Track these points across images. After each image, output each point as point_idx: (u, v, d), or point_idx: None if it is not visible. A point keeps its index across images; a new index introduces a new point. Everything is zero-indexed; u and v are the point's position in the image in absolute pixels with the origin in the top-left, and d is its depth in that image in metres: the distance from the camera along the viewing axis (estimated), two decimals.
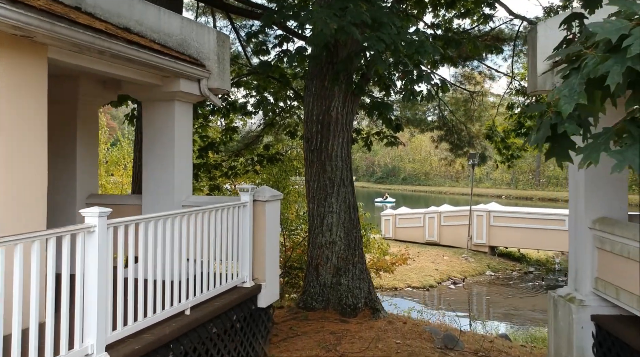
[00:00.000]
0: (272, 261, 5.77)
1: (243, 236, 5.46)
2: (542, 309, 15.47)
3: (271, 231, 5.73)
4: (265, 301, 5.67)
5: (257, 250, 5.62)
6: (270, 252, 5.71)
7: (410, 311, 11.61)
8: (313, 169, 7.98)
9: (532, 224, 20.66)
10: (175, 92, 5.70)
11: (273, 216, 5.78)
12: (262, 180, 10.59)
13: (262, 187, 5.76)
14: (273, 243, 5.80)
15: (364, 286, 7.83)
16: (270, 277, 5.74)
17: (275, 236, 5.86)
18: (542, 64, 5.31)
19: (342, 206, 7.88)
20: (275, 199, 5.80)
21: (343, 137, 7.96)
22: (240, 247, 5.44)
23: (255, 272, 5.64)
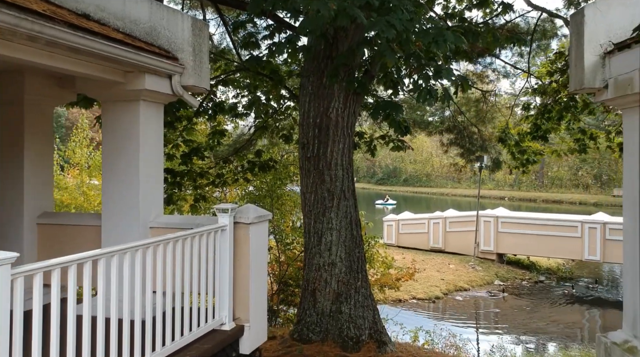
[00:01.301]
0: (257, 296, 4.75)
1: (221, 268, 4.44)
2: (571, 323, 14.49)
3: (257, 260, 4.71)
4: (249, 345, 4.65)
5: (239, 284, 4.60)
6: (255, 286, 4.69)
7: (418, 332, 10.58)
8: (310, 180, 6.96)
9: (543, 230, 19.65)
10: (140, 91, 4.68)
11: (259, 241, 4.76)
12: (255, 188, 9.59)
13: (245, 206, 4.73)
14: (259, 274, 4.78)
15: (369, 315, 6.80)
16: (255, 316, 4.71)
17: (262, 266, 4.84)
18: (591, 56, 4.28)
19: (343, 221, 6.85)
20: (262, 220, 4.77)
21: (344, 143, 6.93)
22: (218, 282, 4.42)
23: (237, 311, 4.61)
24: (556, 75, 11.07)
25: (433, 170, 71.28)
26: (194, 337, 4.09)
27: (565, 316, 15.24)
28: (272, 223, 9.40)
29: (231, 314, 4.53)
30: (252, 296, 4.64)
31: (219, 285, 4.41)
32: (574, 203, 51.08)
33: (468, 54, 7.09)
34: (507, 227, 20.46)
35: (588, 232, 18.82)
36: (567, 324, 14.45)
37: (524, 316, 14.95)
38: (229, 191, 10.16)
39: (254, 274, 4.66)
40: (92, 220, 5.17)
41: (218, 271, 4.41)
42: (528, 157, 11.63)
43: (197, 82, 5.04)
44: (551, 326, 14.01)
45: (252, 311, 4.65)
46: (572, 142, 11.65)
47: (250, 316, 4.63)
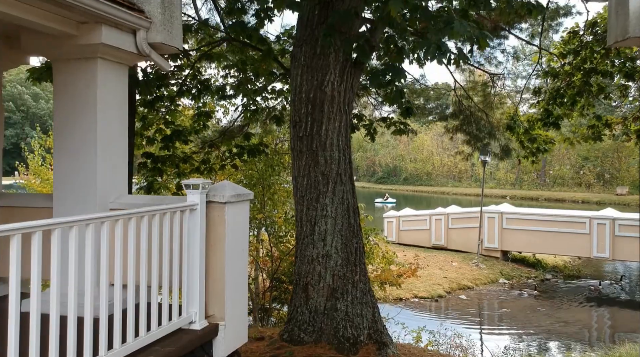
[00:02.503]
0: (235, 289, 4.01)
1: (190, 255, 3.70)
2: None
3: (234, 246, 3.97)
4: (225, 347, 3.90)
5: (213, 275, 3.86)
6: (233, 277, 3.94)
7: (421, 332, 9.84)
8: (302, 162, 6.22)
9: (549, 227, 18.92)
10: (97, 46, 3.93)
11: (238, 224, 4.02)
12: (244, 176, 8.86)
13: (220, 182, 4.00)
14: (237, 263, 4.03)
15: (367, 313, 6.06)
16: (232, 313, 3.97)
17: (241, 253, 4.09)
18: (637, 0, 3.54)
19: (339, 208, 6.11)
20: (241, 200, 4.03)
21: (340, 121, 6.19)
22: (186, 272, 3.67)
23: (210, 307, 3.87)
24: (569, 57, 10.34)
25: (434, 169, 70.64)
26: (154, 339, 3.35)
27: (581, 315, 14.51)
28: (264, 214, 8.67)
29: (203, 311, 3.78)
30: (229, 288, 3.90)
31: (187, 275, 3.67)
32: (576, 202, 50.33)
33: (479, 24, 6.29)
34: (511, 224, 19.74)
35: (597, 229, 18.09)
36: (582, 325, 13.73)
37: (536, 315, 14.19)
38: (216, 179, 9.41)
39: (231, 262, 3.91)
40: (44, 201, 4.43)
41: (186, 258, 3.67)
42: (538, 145, 10.88)
43: (167, 40, 4.30)
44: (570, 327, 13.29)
45: (229, 307, 3.91)
46: (586, 129, 10.91)
47: (226, 312, 3.88)
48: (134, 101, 7.21)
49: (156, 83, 7.27)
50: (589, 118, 10.49)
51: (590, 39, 10.06)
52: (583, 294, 16.57)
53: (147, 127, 7.86)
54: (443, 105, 10.05)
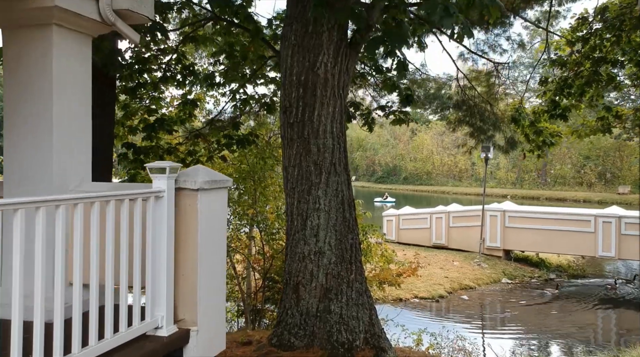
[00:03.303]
0: (211, 290, 3.49)
1: (157, 250, 3.18)
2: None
3: (209, 240, 3.46)
4: (198, 356, 3.38)
5: (184, 273, 3.34)
6: (207, 275, 3.43)
7: (421, 334, 9.31)
8: (293, 150, 5.71)
9: (553, 225, 18.38)
10: (51, 10, 3.43)
11: (214, 215, 3.51)
12: (235, 170, 8.35)
13: (192, 167, 3.48)
14: (213, 260, 3.52)
15: (364, 315, 5.55)
16: (207, 317, 3.45)
17: (218, 249, 3.58)
18: None
19: (333, 201, 5.60)
20: (218, 188, 3.52)
21: (334, 106, 5.68)
22: (151, 269, 3.16)
23: (180, 310, 3.36)
24: (578, 45, 9.84)
25: (434, 169, 70.22)
26: (108, 348, 2.83)
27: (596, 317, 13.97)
28: (255, 210, 8.16)
29: (171, 315, 3.27)
30: (203, 289, 3.39)
31: (151, 273, 3.15)
32: (577, 201, 49.82)
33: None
34: (514, 222, 19.20)
35: (602, 227, 17.56)
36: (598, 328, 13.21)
37: (549, 318, 13.63)
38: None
39: (205, 259, 3.40)
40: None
41: (150, 253, 3.15)
42: (544, 138, 10.36)
43: (135, 7, 3.79)
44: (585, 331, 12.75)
45: (203, 310, 3.40)
46: (595, 121, 10.41)
47: (199, 316, 3.37)
48: (114, 87, 6.71)
49: (137, 67, 6.76)
50: (598, 109, 9.98)
51: (600, 26, 9.56)
52: (597, 294, 16.03)
53: (130, 116, 7.35)
54: (445, 96, 9.52)
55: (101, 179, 5.17)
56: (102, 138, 6.32)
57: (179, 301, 3.35)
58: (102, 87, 6.34)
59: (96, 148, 6.42)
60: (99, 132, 6.38)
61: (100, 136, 6.34)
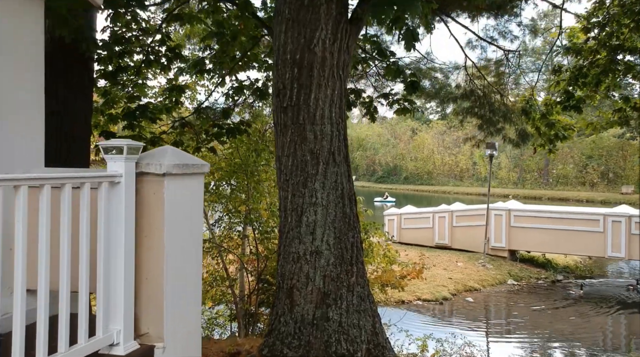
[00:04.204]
0: (181, 297, 2.88)
1: (112, 248, 2.57)
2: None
3: (181, 238, 2.85)
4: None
5: (147, 276, 2.73)
6: (177, 280, 2.82)
7: (427, 340, 8.72)
8: (286, 138, 5.10)
9: (560, 225, 17.76)
10: None
11: (186, 206, 2.90)
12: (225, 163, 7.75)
13: (158, 148, 2.87)
14: (186, 260, 2.91)
15: (366, 323, 4.93)
16: (177, 329, 2.84)
17: (191, 248, 2.97)
18: None
19: (332, 194, 4.99)
20: (191, 173, 2.91)
21: (333, 88, 5.07)
22: (103, 273, 2.54)
23: (142, 322, 2.75)
24: (594, 32, 9.22)
25: (434, 168, 69.71)
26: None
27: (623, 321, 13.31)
28: (247, 206, 7.54)
29: (130, 328, 2.65)
30: (171, 297, 2.77)
31: (104, 276, 2.54)
32: (580, 201, 49.17)
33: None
34: (520, 222, 18.58)
35: (611, 227, 16.94)
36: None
37: (569, 321, 12.99)
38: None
39: (174, 259, 2.79)
40: None
41: (103, 252, 2.54)
42: (557, 132, 9.74)
43: None
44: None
45: (171, 322, 2.78)
46: (611, 114, 9.79)
47: (166, 330, 2.75)
48: (91, 70, 6.10)
49: (118, 50, 6.16)
50: (614, 100, 9.37)
51: (617, 11, 8.94)
52: (616, 296, 15.39)
53: (111, 104, 6.74)
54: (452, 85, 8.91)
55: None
56: (80, 124, 5.72)
57: (141, 310, 2.73)
58: (77, 68, 5.75)
59: (73, 135, 5.83)
60: (75, 118, 5.79)
61: (77, 122, 5.74)
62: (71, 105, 5.61)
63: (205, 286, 7.81)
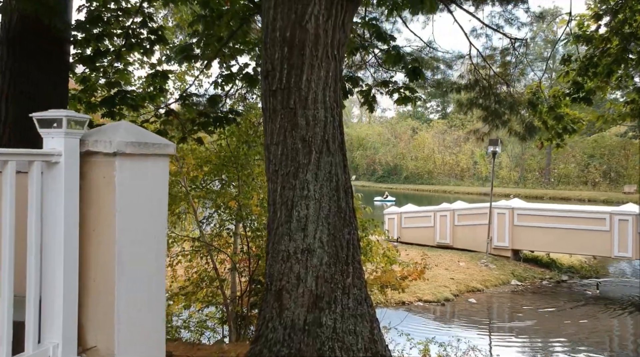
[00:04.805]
0: (140, 302, 2.39)
1: (49, 242, 2.09)
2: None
3: (137, 231, 2.36)
4: None
5: (95, 278, 2.25)
6: (134, 281, 2.33)
7: (429, 344, 8.24)
8: (276, 124, 4.62)
9: (565, 223, 17.28)
10: None
11: (145, 194, 2.41)
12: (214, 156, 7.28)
13: (112, 123, 2.39)
14: (145, 259, 2.42)
15: (364, 329, 4.45)
16: (134, 341, 2.36)
17: (152, 243, 2.48)
18: None
19: (325, 186, 4.51)
20: (150, 154, 2.43)
21: (327, 69, 4.59)
22: (34, 271, 2.06)
23: (89, 333, 2.27)
24: (605, 19, 8.74)
25: (435, 168, 69.34)
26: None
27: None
28: (238, 202, 7.06)
29: (73, 340, 2.18)
30: (125, 300, 2.29)
31: (34, 276, 2.06)
32: (582, 200, 48.71)
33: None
34: (523, 220, 18.11)
35: (618, 225, 16.45)
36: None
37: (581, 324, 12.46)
38: (185, 164, 7.82)
39: (129, 257, 2.31)
40: None
41: (34, 249, 2.06)
42: (566, 125, 9.26)
43: None
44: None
45: (126, 332, 2.30)
46: (623, 106, 9.32)
47: (118, 342, 2.27)
48: (67, 54, 5.62)
49: (96, 33, 5.68)
50: (627, 92, 8.89)
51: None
52: (629, 297, 14.91)
53: (90, 91, 6.26)
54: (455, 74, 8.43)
55: None
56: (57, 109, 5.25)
57: (87, 319, 2.26)
58: (51, 50, 5.27)
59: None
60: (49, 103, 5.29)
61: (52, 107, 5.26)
62: (44, 89, 5.14)
63: (193, 287, 7.34)
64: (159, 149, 2.47)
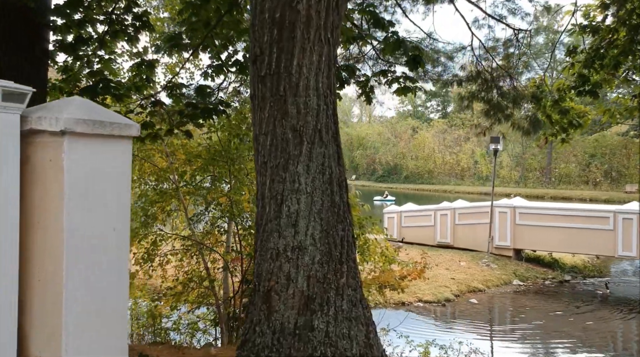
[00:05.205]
0: (95, 306, 2.06)
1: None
2: None
3: (91, 224, 2.03)
4: None
5: (40, 278, 1.93)
6: (88, 282, 2.00)
7: (429, 347, 7.92)
8: (264, 113, 4.29)
9: (568, 222, 16.96)
10: None
11: (101, 181, 2.08)
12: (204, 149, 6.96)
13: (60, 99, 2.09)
14: (103, 258, 2.09)
15: (359, 332, 4.13)
16: (87, 349, 2.02)
17: (111, 236, 2.16)
18: None
19: (318, 180, 4.19)
20: (108, 135, 2.10)
21: (320, 53, 4.27)
22: None
23: (31, 342, 1.95)
24: (612, 8, 8.42)
25: (435, 167, 69.15)
26: None
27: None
28: (229, 198, 6.74)
29: (12, 349, 1.85)
30: (76, 304, 1.97)
31: None
32: (584, 200, 48.40)
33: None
34: (525, 219, 17.78)
35: (622, 224, 16.13)
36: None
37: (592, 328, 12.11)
38: (176, 159, 7.49)
39: (81, 254, 1.98)
40: None
41: None
42: (571, 119, 8.94)
43: None
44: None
45: (75, 341, 1.98)
46: (630, 100, 8.99)
47: (66, 350, 1.95)
48: (45, 40, 5.30)
49: (78, 19, 5.36)
50: (636, 85, 8.58)
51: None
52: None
53: (73, 82, 5.94)
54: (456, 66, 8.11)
55: None
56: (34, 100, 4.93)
57: (30, 325, 1.94)
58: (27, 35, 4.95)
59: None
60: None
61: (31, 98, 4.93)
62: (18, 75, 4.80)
63: (182, 287, 7.02)
64: (119, 129, 2.14)
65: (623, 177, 55.18)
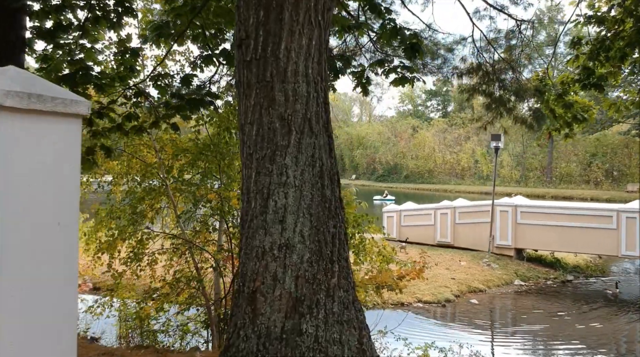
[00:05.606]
0: (33, 313, 1.75)
1: None
2: None
3: (27, 217, 1.72)
4: None
5: None
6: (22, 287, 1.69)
7: (428, 349, 7.62)
8: (250, 101, 3.99)
9: (570, 221, 16.65)
10: None
11: (42, 167, 1.78)
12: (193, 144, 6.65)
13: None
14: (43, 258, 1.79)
15: (351, 337, 3.83)
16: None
17: (53, 234, 1.85)
18: None
19: (307, 172, 3.88)
20: (49, 111, 1.79)
21: (310, 37, 3.97)
22: None
23: None
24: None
25: (435, 167, 68.90)
26: None
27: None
28: (219, 194, 6.44)
29: None
30: (8, 312, 1.66)
31: None
32: (585, 199, 48.09)
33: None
34: (527, 218, 17.48)
35: (625, 223, 15.82)
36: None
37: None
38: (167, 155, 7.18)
39: (15, 255, 1.68)
40: None
41: None
42: (575, 113, 8.63)
43: None
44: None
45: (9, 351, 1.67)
46: (636, 94, 8.69)
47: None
48: (21, 27, 5.00)
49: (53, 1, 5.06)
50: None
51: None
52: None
53: (55, 72, 5.63)
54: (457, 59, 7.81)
55: None
56: None
57: None
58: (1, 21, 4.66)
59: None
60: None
61: None
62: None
63: (168, 287, 6.72)
64: (63, 105, 1.84)
65: (624, 177, 54.89)
